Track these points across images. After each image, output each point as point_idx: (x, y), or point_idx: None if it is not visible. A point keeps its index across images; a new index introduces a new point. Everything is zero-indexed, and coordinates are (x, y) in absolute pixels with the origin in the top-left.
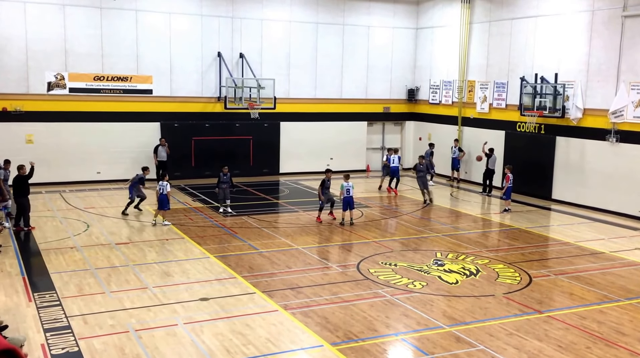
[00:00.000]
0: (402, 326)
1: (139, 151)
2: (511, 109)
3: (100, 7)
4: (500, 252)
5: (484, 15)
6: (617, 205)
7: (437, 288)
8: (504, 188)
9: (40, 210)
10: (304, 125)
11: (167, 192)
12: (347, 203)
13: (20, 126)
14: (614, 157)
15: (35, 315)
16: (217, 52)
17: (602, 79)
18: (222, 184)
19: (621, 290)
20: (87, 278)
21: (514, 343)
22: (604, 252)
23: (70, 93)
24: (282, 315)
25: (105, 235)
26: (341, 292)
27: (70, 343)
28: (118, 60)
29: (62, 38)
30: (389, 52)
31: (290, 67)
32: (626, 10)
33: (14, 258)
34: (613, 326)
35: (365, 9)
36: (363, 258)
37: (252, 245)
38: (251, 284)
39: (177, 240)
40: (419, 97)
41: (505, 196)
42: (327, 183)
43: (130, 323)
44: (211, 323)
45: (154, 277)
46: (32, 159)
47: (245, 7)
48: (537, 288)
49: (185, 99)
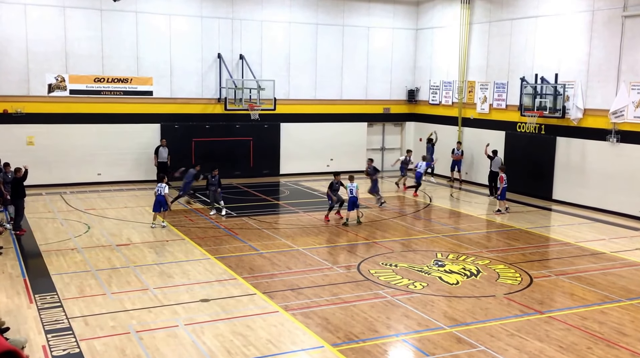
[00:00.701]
0: (403, 327)
1: (140, 153)
2: (511, 109)
3: (101, 9)
4: (500, 253)
5: (483, 15)
6: (618, 205)
7: (437, 289)
8: (499, 189)
9: (41, 211)
10: (304, 126)
11: (164, 193)
12: (352, 203)
13: (21, 128)
14: (615, 157)
15: (37, 316)
16: (217, 53)
17: (603, 79)
18: (210, 186)
19: (622, 290)
20: (88, 279)
21: (515, 343)
22: (605, 252)
23: (71, 95)
24: (283, 316)
25: (106, 236)
26: (342, 293)
27: (72, 344)
28: (118, 62)
29: (63, 40)
30: (388, 53)
31: (290, 69)
32: (626, 11)
33: (15, 259)
34: (614, 326)
35: (365, 10)
36: (363, 258)
37: (252, 246)
38: (252, 285)
39: (177, 241)
40: (419, 98)
41: (500, 197)
42: (336, 185)
43: (131, 325)
44: (212, 325)
45: (154, 278)
46: (33, 161)
47: (245, 8)
48: (537, 289)
49: (185, 100)
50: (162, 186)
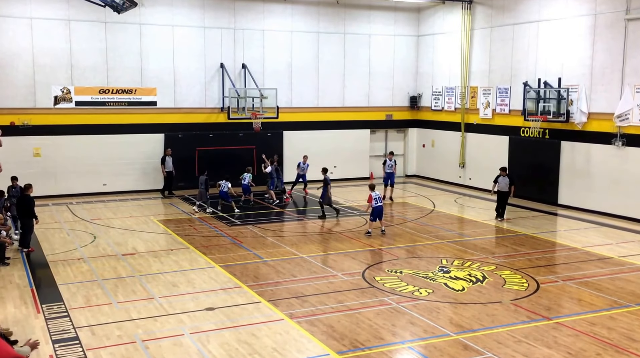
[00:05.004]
0: (409, 334)
1: (144, 163)
2: (515, 114)
3: (105, 22)
4: (506, 258)
5: (485, 21)
6: (625, 209)
7: (443, 296)
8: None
9: (48, 222)
10: (306, 134)
11: (228, 189)
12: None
13: (28, 140)
14: (620, 161)
15: (44, 326)
16: (219, 63)
17: (607, 83)
18: (201, 186)
19: (631, 295)
20: (94, 289)
21: (523, 350)
22: (613, 257)
23: (76, 106)
24: (288, 324)
25: (112, 246)
26: (347, 300)
27: (79, 354)
28: (122, 73)
29: (68, 52)
30: (390, 60)
31: (293, 77)
32: (629, 14)
33: (23, 270)
34: (623, 332)
35: (366, 17)
36: (368, 265)
37: (257, 254)
38: (256, 293)
39: (182, 250)
40: (422, 104)
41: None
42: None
43: (137, 334)
44: (217, 333)
45: (160, 287)
46: (40, 172)
47: (247, 18)
48: (545, 295)
49: (189, 110)
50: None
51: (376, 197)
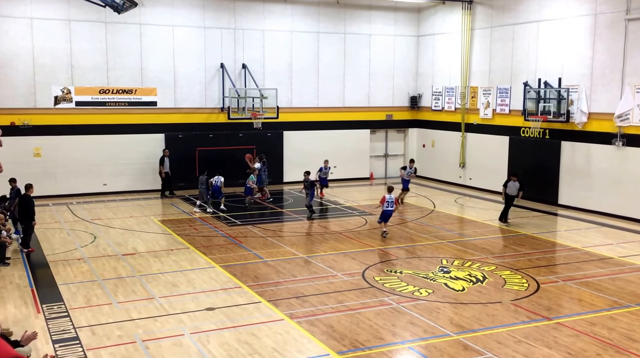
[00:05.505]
0: (409, 334)
1: (145, 163)
2: (515, 114)
3: (105, 22)
4: (506, 258)
5: (485, 21)
6: (625, 209)
7: (443, 296)
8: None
9: (48, 222)
10: (307, 134)
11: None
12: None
13: (28, 140)
14: (621, 161)
15: (44, 326)
16: (220, 63)
17: (607, 83)
18: (201, 186)
19: (631, 295)
20: (94, 289)
21: (523, 350)
22: (613, 257)
23: (77, 107)
24: (288, 324)
25: (112, 246)
26: (347, 300)
27: (79, 354)
28: (123, 73)
29: (68, 53)
30: (390, 60)
31: (293, 77)
32: (629, 14)
33: (23, 270)
34: (624, 332)
35: (366, 18)
36: (368, 266)
37: (257, 254)
38: (257, 293)
39: (182, 250)
40: (422, 104)
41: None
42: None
43: (137, 334)
44: (217, 333)
45: (160, 287)
46: (40, 172)
47: (247, 18)
48: (545, 295)
49: (189, 110)
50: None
51: (389, 200)
